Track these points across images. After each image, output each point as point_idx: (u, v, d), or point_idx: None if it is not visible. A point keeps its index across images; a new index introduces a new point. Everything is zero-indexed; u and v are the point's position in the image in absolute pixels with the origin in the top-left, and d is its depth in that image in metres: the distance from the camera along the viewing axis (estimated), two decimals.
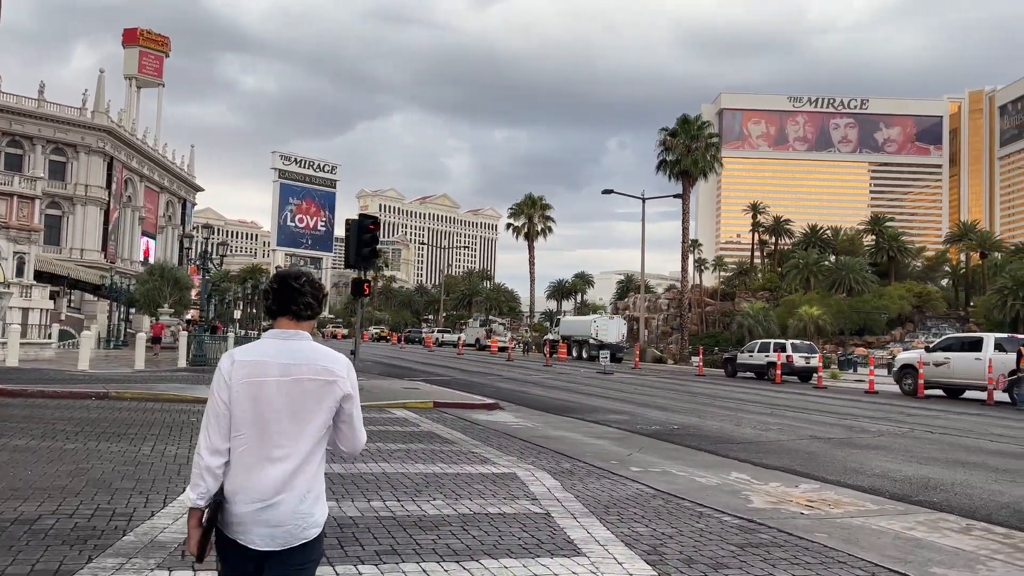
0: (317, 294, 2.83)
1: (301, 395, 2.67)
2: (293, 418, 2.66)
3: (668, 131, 48.81)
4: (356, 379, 2.86)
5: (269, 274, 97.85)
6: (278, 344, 2.74)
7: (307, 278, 2.84)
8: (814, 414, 18.02)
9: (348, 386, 2.76)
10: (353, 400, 2.78)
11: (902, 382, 24.89)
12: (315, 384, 2.69)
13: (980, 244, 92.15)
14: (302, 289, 2.79)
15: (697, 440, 13.02)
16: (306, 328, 2.81)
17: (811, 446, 12.69)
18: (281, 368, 2.68)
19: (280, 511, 2.62)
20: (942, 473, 10.40)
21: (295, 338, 2.76)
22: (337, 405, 2.74)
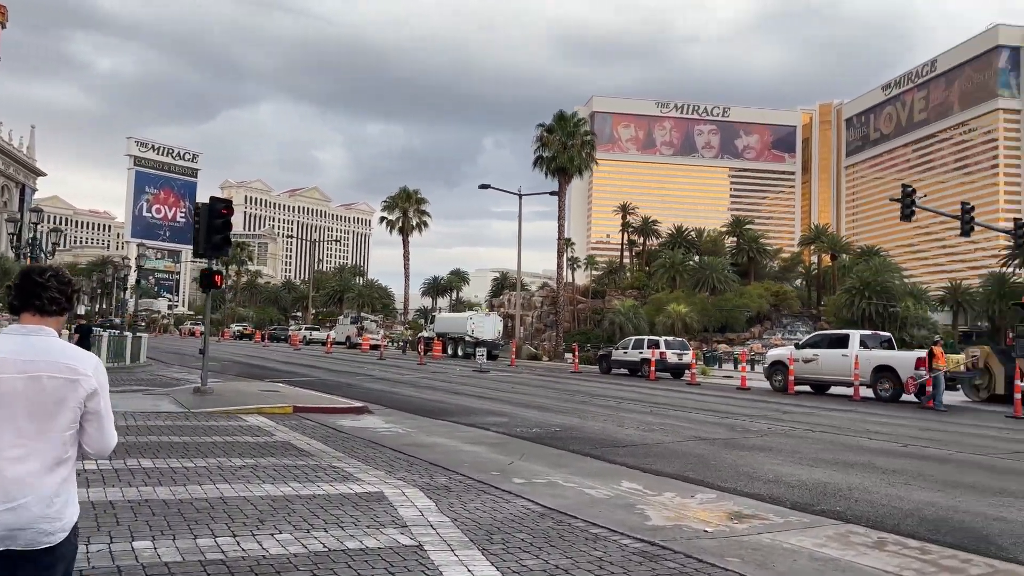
0: (65, 289, 2.79)
1: (40, 393, 2.61)
2: (31, 417, 2.61)
3: (545, 127, 48.47)
4: (106, 379, 2.80)
5: (122, 266, 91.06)
6: (18, 340, 2.68)
7: (53, 272, 2.81)
8: (694, 412, 17.65)
9: (93, 384, 2.71)
10: (99, 399, 2.72)
11: (773, 378, 25.26)
12: (56, 383, 2.64)
13: (830, 247, 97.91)
14: (46, 283, 2.75)
15: (581, 444, 12.13)
16: (52, 324, 2.76)
17: (698, 448, 12.07)
18: (19, 365, 2.62)
19: (24, 514, 2.56)
20: (835, 476, 9.93)
21: (38, 334, 2.71)
22: (82, 405, 2.68)
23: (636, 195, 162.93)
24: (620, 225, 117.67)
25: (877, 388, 22.12)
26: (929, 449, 12.60)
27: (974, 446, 13.04)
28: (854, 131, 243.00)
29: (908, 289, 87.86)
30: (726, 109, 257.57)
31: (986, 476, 10.11)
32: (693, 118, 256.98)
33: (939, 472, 10.34)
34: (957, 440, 13.83)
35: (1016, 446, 13.29)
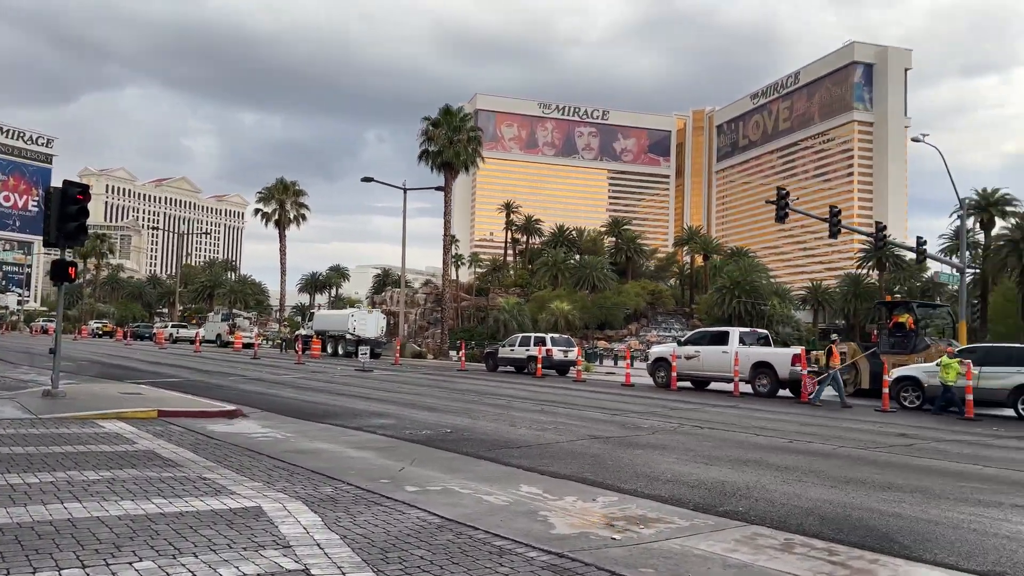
0: None
1: None
2: None
3: (431, 121, 47.68)
4: None
5: None
6: None
7: None
8: (584, 410, 17.50)
9: None
10: None
11: (656, 375, 25.65)
12: None
13: (703, 248, 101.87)
14: None
15: (474, 445, 11.62)
16: None
17: (593, 447, 11.81)
18: None
19: None
20: (732, 475, 9.85)
21: None
22: None
23: (519, 194, 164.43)
24: (504, 223, 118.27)
25: (756, 384, 22.80)
26: (814, 444, 12.86)
27: (855, 440, 13.44)
28: (725, 137, 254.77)
29: (774, 289, 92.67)
30: (605, 112, 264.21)
31: (872, 471, 10.31)
32: (574, 120, 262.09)
33: (828, 468, 10.48)
34: (838, 435, 14.24)
35: (892, 439, 13.79)
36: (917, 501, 8.44)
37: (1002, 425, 16.67)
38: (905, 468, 10.65)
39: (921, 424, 16.44)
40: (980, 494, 8.96)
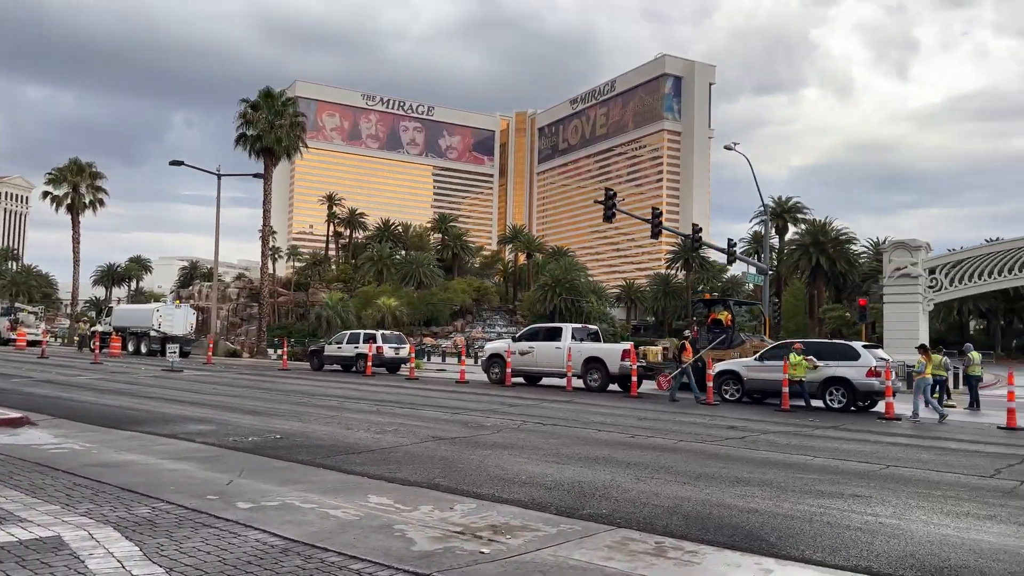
0: None
1: None
2: None
3: (250, 103, 44.86)
4: None
5: None
6: None
7: None
8: (423, 409, 16.83)
9: None
10: None
11: (490, 371, 25.42)
12: None
13: (526, 246, 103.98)
14: None
15: (311, 452, 10.65)
16: None
17: (440, 450, 11.20)
18: None
19: None
20: (586, 474, 9.60)
21: None
22: None
23: (342, 186, 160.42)
24: (326, 216, 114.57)
25: (588, 379, 23.14)
26: (655, 439, 12.99)
27: (691, 434, 13.74)
28: (546, 140, 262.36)
29: (592, 287, 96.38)
30: (431, 108, 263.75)
31: (717, 465, 10.45)
32: (399, 114, 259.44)
33: (676, 463, 10.52)
34: (673, 429, 14.53)
35: (725, 432, 14.24)
36: (767, 495, 8.55)
37: (815, 416, 17.82)
38: (746, 461, 10.91)
39: (745, 416, 17.23)
40: (819, 484, 9.25)
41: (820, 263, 65.11)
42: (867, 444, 13.07)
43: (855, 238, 70.71)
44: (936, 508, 8.07)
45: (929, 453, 12.25)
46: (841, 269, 66.32)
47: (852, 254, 69.58)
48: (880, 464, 10.86)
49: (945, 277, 43.39)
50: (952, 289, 43.53)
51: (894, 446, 12.91)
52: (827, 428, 15.34)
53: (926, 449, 12.74)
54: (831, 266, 64.46)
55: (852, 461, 11.07)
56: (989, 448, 13.15)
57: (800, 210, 73.08)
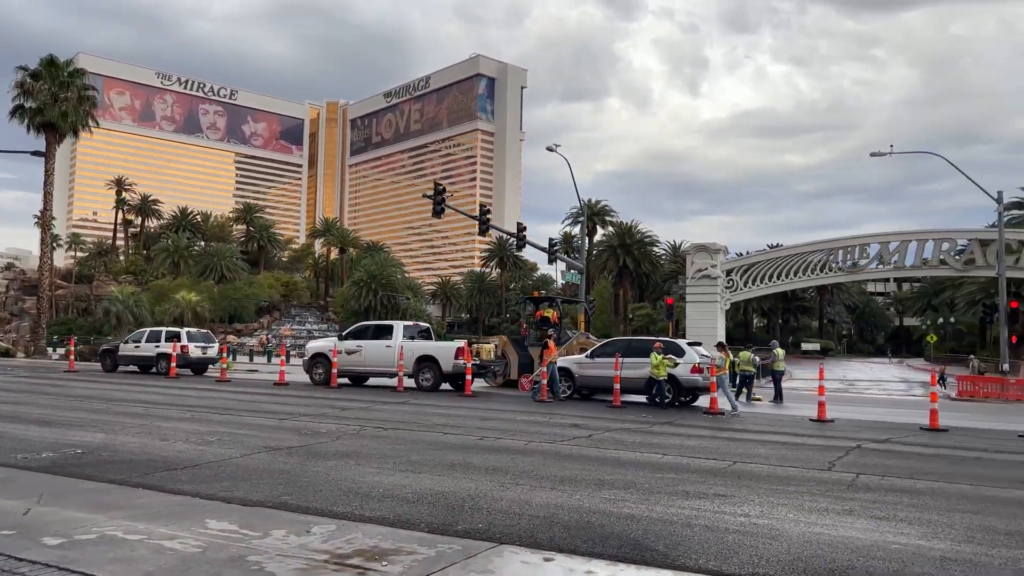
0: None
1: None
2: None
3: (29, 72, 39.72)
4: None
5: None
6: None
7: None
8: (244, 415, 15.36)
9: None
10: None
11: (313, 371, 23.96)
12: None
13: (340, 241, 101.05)
14: None
15: (124, 470, 9.18)
16: None
17: (277, 462, 10.09)
18: None
19: None
20: (447, 483, 8.96)
21: None
22: None
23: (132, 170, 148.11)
24: (114, 202, 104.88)
25: (420, 378, 22.38)
26: (505, 440, 12.58)
27: (539, 434, 13.47)
28: (358, 132, 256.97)
29: (408, 284, 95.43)
30: (234, 92, 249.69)
31: (576, 467, 10.19)
32: (198, 96, 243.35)
33: (534, 467, 10.14)
34: (519, 429, 14.22)
35: (571, 431, 14.12)
36: (637, 498, 8.35)
37: (644, 412, 18.26)
38: (602, 461, 10.75)
39: (582, 414, 17.31)
40: (681, 484, 9.22)
41: (627, 264, 68.44)
42: (705, 440, 13.44)
43: (658, 241, 75.17)
44: (797, 505, 8.23)
45: (764, 448, 12.77)
46: (645, 270, 70.11)
47: (655, 256, 73.78)
48: (727, 460, 11.11)
49: (740, 279, 46.90)
50: (746, 290, 47.15)
51: (731, 441, 13.36)
52: (662, 424, 15.70)
53: (760, 444, 13.29)
54: (636, 267, 67.97)
55: (700, 458, 11.24)
56: (812, 440, 13.96)
57: (608, 213, 76.41)
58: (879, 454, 12.38)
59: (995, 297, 58.14)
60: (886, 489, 9.29)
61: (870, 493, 9.02)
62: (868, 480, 9.86)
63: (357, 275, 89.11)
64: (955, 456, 12.56)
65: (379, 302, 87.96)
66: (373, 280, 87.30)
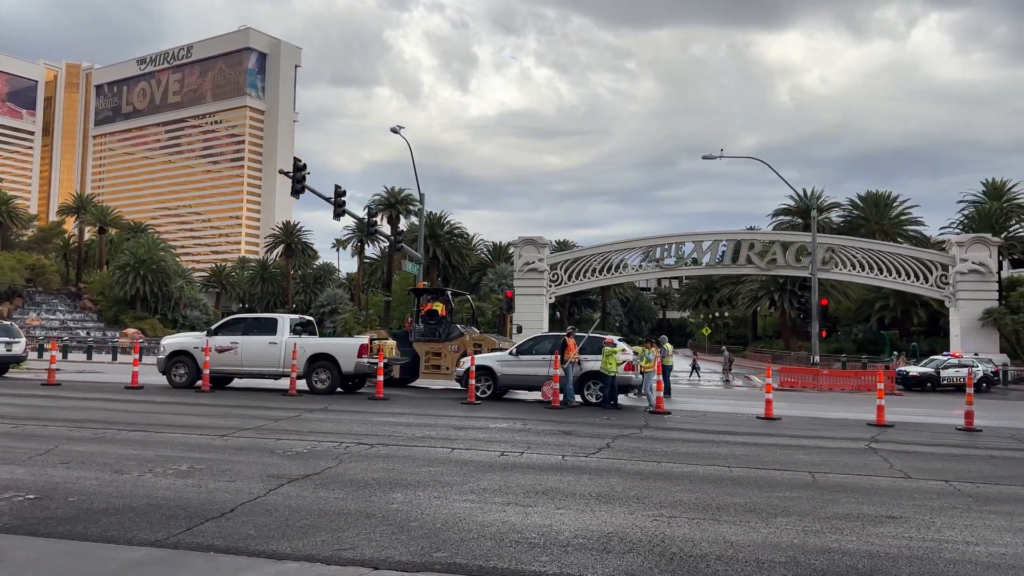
0: None
1: None
2: None
3: None
4: None
5: None
6: None
7: None
8: (168, 432, 12.10)
9: None
10: None
11: (173, 373, 20.09)
12: None
13: (99, 219, 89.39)
14: None
15: (139, 523, 6.51)
16: None
17: (325, 499, 7.79)
18: None
19: None
20: (587, 519, 7.36)
21: None
22: None
23: None
24: None
25: (313, 379, 19.53)
26: (532, 454, 10.97)
27: (543, 444, 12.02)
28: (105, 99, 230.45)
29: (179, 270, 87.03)
30: None
31: (718, 491, 8.99)
32: None
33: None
34: (515, 439, 12.64)
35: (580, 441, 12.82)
36: (810, 527, 7.35)
37: (590, 412, 17.13)
38: (681, 479, 9.63)
39: (538, 417, 15.99)
40: (831, 505, 8.33)
41: (436, 255, 67.22)
42: (735, 446, 12.42)
43: (467, 232, 74.73)
44: (965, 523, 7.68)
45: (805, 453, 12.13)
46: (455, 262, 69.39)
47: (464, 247, 73.29)
48: (803, 471, 10.25)
49: (564, 273, 47.64)
50: (571, 284, 48.03)
51: (758, 447, 12.43)
52: (637, 427, 14.81)
53: (784, 448, 12.83)
54: (446, 258, 67.02)
55: (772, 470, 10.32)
56: (830, 443, 13.76)
57: (412, 202, 74.62)
58: (921, 456, 12.08)
59: (773, 294, 64.75)
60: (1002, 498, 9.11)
61: (998, 504, 8.75)
62: (961, 487, 9.61)
63: (123, 259, 79.57)
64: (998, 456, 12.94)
65: (148, 289, 79.18)
66: (142, 265, 78.41)
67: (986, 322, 41.23)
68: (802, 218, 65.41)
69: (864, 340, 60.46)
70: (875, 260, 44.33)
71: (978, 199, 60.51)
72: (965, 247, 42.15)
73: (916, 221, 62.95)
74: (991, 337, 41.49)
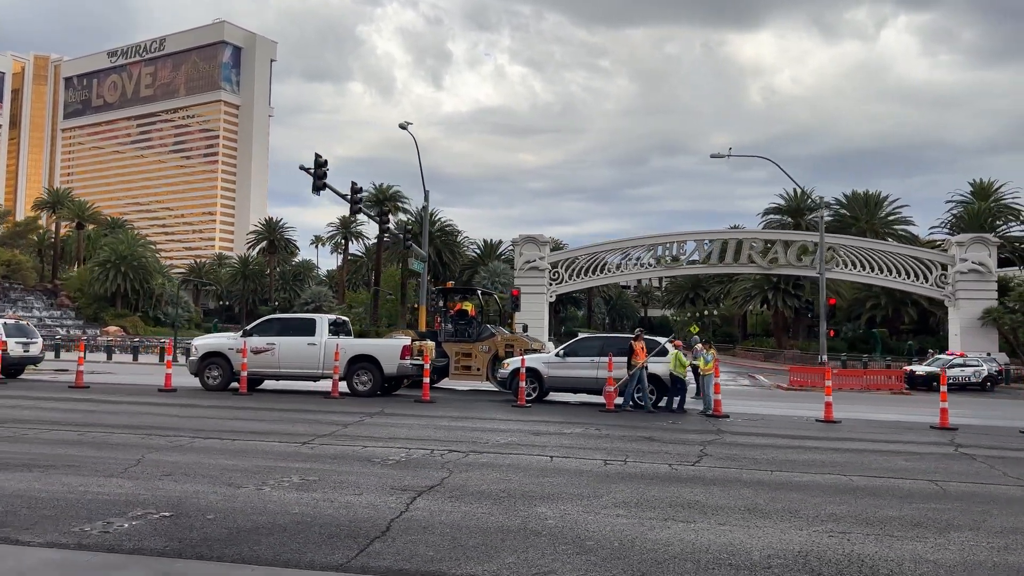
0: None
1: None
2: None
3: None
4: None
5: None
6: None
7: None
8: (240, 439, 11.60)
9: None
10: None
11: (206, 374, 19.38)
12: None
13: (77, 215, 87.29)
14: None
15: (307, 543, 6.05)
16: None
17: (475, 514, 7.37)
18: None
19: None
20: (782, 536, 7.02)
21: None
22: None
23: None
24: None
25: (354, 381, 18.95)
26: (641, 463, 10.61)
27: (638, 451, 11.65)
28: (75, 92, 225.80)
29: (160, 267, 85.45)
30: None
31: (837, 501, 8.66)
32: None
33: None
34: (604, 447, 12.25)
35: (672, 448, 12.45)
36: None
37: (648, 416, 16.68)
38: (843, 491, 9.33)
39: (602, 421, 15.60)
40: (959, 515, 8.08)
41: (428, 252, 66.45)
42: (828, 452, 12.01)
43: (460, 230, 74.14)
44: None
45: (883, 458, 12.04)
46: (446, 259, 68.76)
47: (455, 244, 72.68)
48: (920, 479, 10.04)
49: (565, 271, 47.34)
50: (571, 282, 47.76)
51: (850, 452, 12.09)
52: (712, 432, 14.49)
53: (880, 453, 12.59)
54: (438, 256, 66.32)
55: (888, 478, 10.11)
56: (904, 447, 13.56)
57: (400, 199, 73.86)
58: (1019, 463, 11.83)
59: (767, 292, 65.00)
60: None
61: None
62: None
63: (103, 255, 77.86)
64: None
65: (129, 286, 77.55)
66: (122, 261, 76.78)
67: (985, 321, 41.66)
68: (792, 217, 65.78)
69: (855, 339, 60.96)
70: (874, 259, 44.60)
71: (966, 199, 61.35)
72: (965, 247, 42.55)
73: (906, 220, 63.65)
74: (990, 336, 41.94)
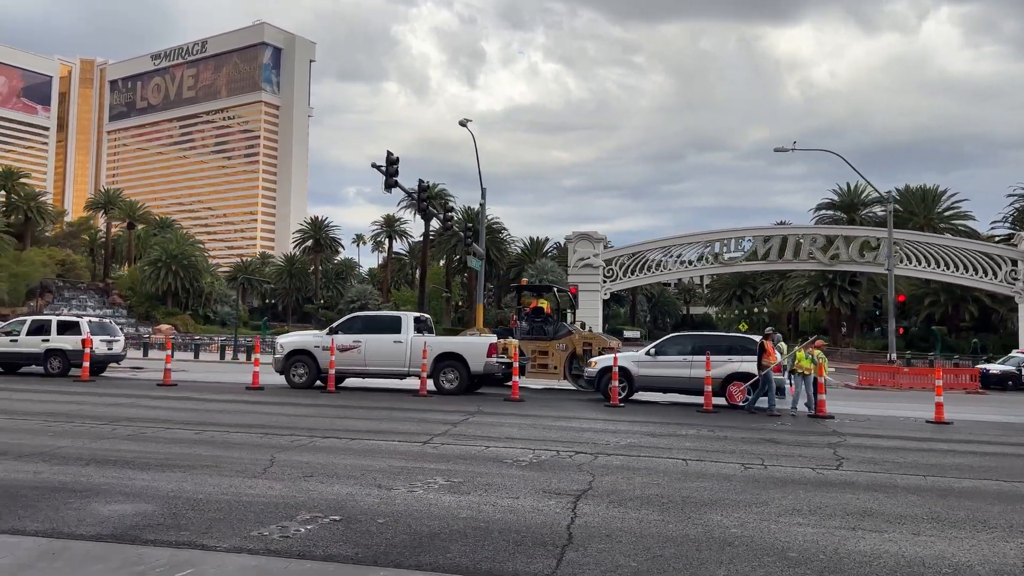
0: None
1: None
2: None
3: None
4: None
5: None
6: None
7: None
8: (362, 439, 11.43)
9: None
10: None
11: (292, 372, 19.35)
12: None
13: (128, 215, 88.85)
14: None
15: (508, 552, 5.77)
16: None
17: (659, 525, 7.06)
18: None
19: None
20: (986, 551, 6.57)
21: None
22: None
23: None
24: None
25: (441, 379, 18.76)
26: (781, 467, 10.20)
27: (753, 453, 11.23)
28: (119, 95, 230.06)
29: (208, 266, 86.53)
30: None
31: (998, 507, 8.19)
32: None
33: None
34: (717, 448, 11.84)
35: (803, 450, 11.99)
36: None
37: (782, 418, 16.13)
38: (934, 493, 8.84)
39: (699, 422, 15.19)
40: None
41: None
42: (961, 455, 11.46)
43: (506, 228, 74.04)
44: None
45: (1020, 462, 11.48)
46: (493, 257, 68.62)
47: (503, 242, 72.57)
48: None
49: (619, 268, 46.82)
50: (625, 279, 47.23)
51: (985, 456, 11.50)
52: (830, 434, 13.99)
53: (995, 456, 12.03)
54: (486, 252, 66.24)
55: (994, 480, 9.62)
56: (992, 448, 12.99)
57: (444, 197, 73.87)
58: None
59: (822, 289, 63.78)
60: None
61: None
62: None
63: (154, 254, 79.04)
64: None
65: (180, 285, 78.59)
66: (172, 260, 77.87)
67: None
68: (846, 212, 64.44)
69: (913, 336, 59.50)
70: (938, 255, 43.43)
71: None
72: None
73: (965, 215, 61.98)
74: None
